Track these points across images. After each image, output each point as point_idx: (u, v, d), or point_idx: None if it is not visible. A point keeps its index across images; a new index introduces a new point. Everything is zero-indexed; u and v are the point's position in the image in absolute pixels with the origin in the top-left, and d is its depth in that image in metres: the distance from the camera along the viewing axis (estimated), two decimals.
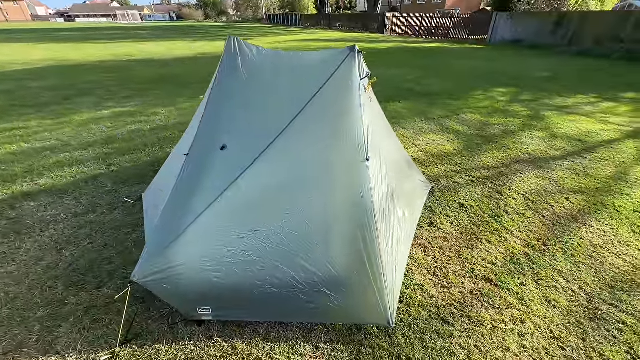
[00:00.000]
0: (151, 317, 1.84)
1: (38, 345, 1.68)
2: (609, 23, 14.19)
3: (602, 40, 14.21)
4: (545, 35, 16.30)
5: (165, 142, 4.21)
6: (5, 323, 1.79)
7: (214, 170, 1.92)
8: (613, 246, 2.46)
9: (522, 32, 17.22)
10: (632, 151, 4.14)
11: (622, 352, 1.70)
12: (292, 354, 1.65)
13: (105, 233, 2.51)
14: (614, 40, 13.86)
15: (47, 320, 1.81)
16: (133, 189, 3.11)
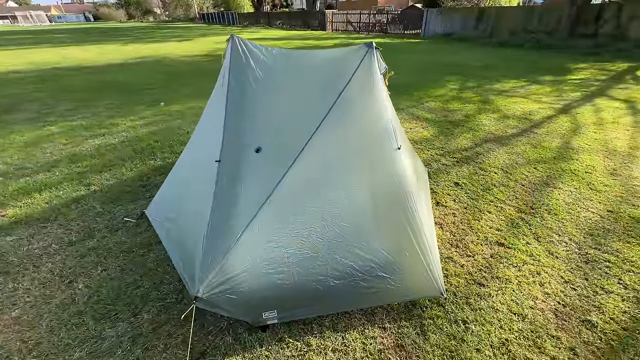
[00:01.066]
0: (209, 332, 1.76)
1: None
2: (519, 17, 16.37)
3: (515, 32, 16.36)
4: (470, 28, 18.19)
5: (144, 155, 3.88)
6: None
7: (254, 173, 1.90)
8: (581, 202, 2.97)
9: (451, 26, 18.98)
10: (568, 124, 4.95)
11: (615, 283, 2.10)
12: (364, 339, 1.74)
13: (117, 257, 2.29)
14: (525, 31, 16.05)
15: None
16: (128, 207, 2.85)
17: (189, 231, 2.02)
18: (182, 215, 2.24)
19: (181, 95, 6.65)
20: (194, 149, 2.46)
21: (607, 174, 3.46)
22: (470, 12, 18.49)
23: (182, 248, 2.11)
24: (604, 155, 3.88)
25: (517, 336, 1.76)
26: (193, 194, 2.16)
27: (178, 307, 1.91)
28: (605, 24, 13.90)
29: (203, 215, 1.87)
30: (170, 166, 3.49)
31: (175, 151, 3.95)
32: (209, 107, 2.49)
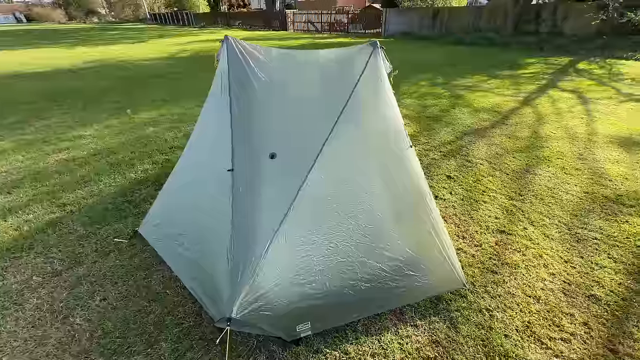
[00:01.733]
0: (240, 354, 1.65)
1: None
2: (469, 16, 17.49)
3: (468, 30, 17.45)
4: (427, 27, 19.09)
5: (122, 167, 3.56)
6: None
7: (272, 180, 1.81)
8: (560, 186, 3.23)
9: (409, 26, 19.78)
10: (532, 115, 5.37)
11: (606, 258, 2.31)
12: (399, 339, 1.74)
13: (115, 284, 2.07)
14: (475, 29, 17.19)
15: None
16: (116, 227, 2.59)
17: (204, 248, 1.89)
18: (190, 232, 2.08)
19: (148, 101, 6.21)
20: (194, 160, 2.29)
21: (575, 158, 3.80)
22: (426, 12, 19.38)
23: (195, 267, 1.96)
24: (569, 142, 4.26)
25: (537, 317, 1.86)
26: (202, 208, 2.01)
27: (199, 330, 1.77)
28: (544, 22, 15.31)
29: (220, 230, 1.75)
30: (155, 178, 3.27)
31: (157, 161, 3.68)
32: (206, 114, 2.34)
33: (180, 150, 3.91)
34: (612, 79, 7.83)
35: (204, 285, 1.90)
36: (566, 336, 1.76)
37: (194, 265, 2.02)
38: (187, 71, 9.33)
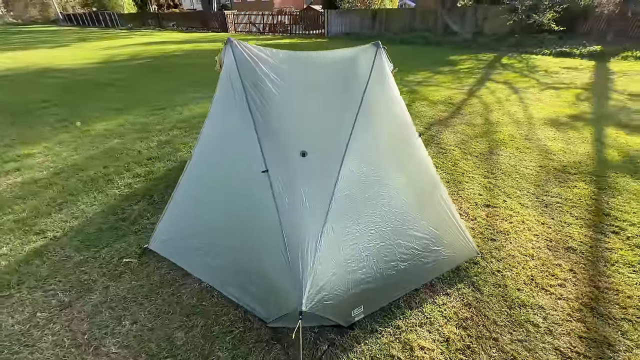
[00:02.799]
0: (304, 347, 1.69)
1: None
2: (405, 17, 18.90)
3: (405, 30, 18.85)
4: (367, 28, 20.11)
5: (99, 184, 3.22)
6: None
7: (309, 177, 1.88)
8: (520, 163, 3.79)
9: (351, 26, 20.63)
10: (479, 104, 6.11)
11: (570, 216, 2.82)
12: (438, 307, 1.94)
13: (141, 305, 1.93)
14: (411, 30, 18.64)
15: None
16: (117, 247, 2.39)
17: (244, 253, 1.87)
18: (218, 239, 2.03)
19: (99, 112, 5.61)
20: (210, 168, 2.20)
21: (523, 139, 4.47)
22: (365, 13, 20.40)
23: (230, 273, 1.95)
24: (515, 126, 4.97)
25: (536, 271, 2.23)
26: (233, 214, 1.98)
27: (252, 334, 1.76)
28: (467, 23, 17.21)
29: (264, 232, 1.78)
30: (143, 192, 3.05)
31: (139, 174, 3.41)
32: (218, 119, 2.27)
33: (160, 162, 3.68)
34: (530, 71, 9.20)
35: (247, 289, 1.89)
36: (560, 282, 2.14)
37: (228, 271, 1.99)
38: (133, 77, 8.57)
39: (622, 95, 6.62)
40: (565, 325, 1.84)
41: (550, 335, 1.78)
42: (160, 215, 2.34)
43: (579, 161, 3.80)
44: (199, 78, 8.29)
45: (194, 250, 2.14)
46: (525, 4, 13.50)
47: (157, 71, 9.39)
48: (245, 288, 1.90)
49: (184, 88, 7.27)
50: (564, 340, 1.75)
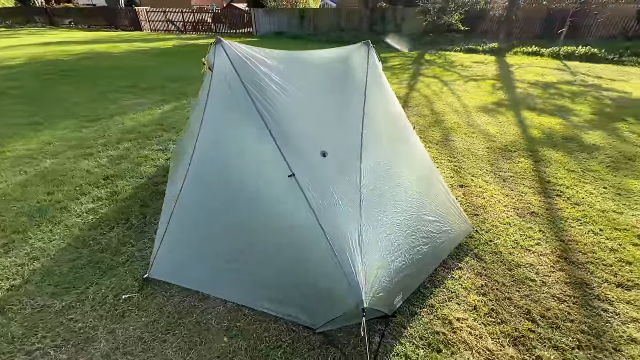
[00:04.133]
0: (357, 344, 1.72)
1: None
2: (332, 17, 19.58)
3: (332, 29, 19.54)
4: (296, 27, 20.27)
5: (51, 215, 2.66)
6: None
7: (334, 177, 1.90)
8: (472, 146, 4.34)
9: (279, 25, 20.53)
10: (421, 97, 6.74)
11: (523, 186, 3.35)
12: (458, 282, 2.15)
13: (164, 342, 1.71)
14: (339, 29, 19.43)
15: None
16: (107, 284, 2.04)
17: (286, 261, 1.79)
18: (244, 254, 1.90)
19: (9, 128, 4.59)
20: (221, 178, 2.01)
21: (467, 125, 5.11)
22: (292, 12, 20.51)
23: (261, 286, 1.86)
24: (456, 115, 5.64)
25: (517, 236, 2.62)
26: (261, 225, 1.86)
27: (303, 343, 1.72)
28: (389, 23, 18.66)
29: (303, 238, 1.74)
30: (115, 216, 2.66)
31: (99, 197, 2.92)
32: (216, 124, 2.08)
33: (121, 180, 3.23)
34: (450, 66, 10.46)
35: (286, 299, 1.82)
36: (537, 241, 2.56)
37: (260, 285, 1.89)
38: (35, 85, 7.16)
39: (523, 83, 8.00)
40: (552, 275, 2.22)
41: (546, 285, 2.14)
42: (148, 240, 2.08)
43: (513, 141, 4.52)
44: (134, 82, 7.36)
45: (213, 270, 1.97)
46: (435, 7, 15.21)
47: (69, 77, 8.02)
48: (283, 299, 1.83)
49: (115, 95, 6.38)
50: (556, 288, 2.12)
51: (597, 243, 2.53)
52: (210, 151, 2.06)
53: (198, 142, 2.09)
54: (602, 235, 2.62)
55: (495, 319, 1.89)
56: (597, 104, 6.22)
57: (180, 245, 2.05)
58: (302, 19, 20.12)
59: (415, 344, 1.73)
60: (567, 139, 4.57)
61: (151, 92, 6.63)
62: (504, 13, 14.63)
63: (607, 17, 12.81)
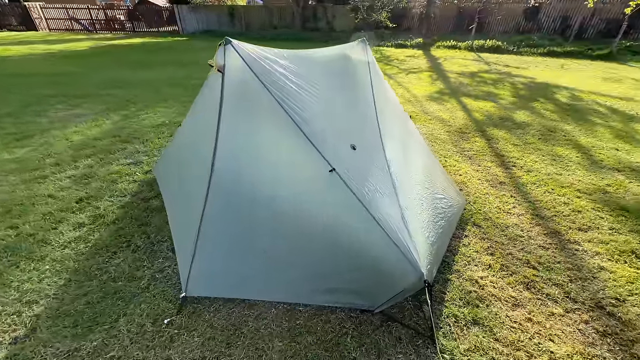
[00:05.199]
0: (410, 317, 1.89)
1: None
2: (264, 15, 19.29)
3: (265, 27, 19.27)
4: (227, 25, 19.49)
5: (34, 250, 2.24)
6: None
7: (366, 167, 2.03)
8: (435, 131, 4.85)
9: (208, 23, 19.48)
10: None
11: (487, 161, 3.91)
12: (469, 248, 2.47)
13: (230, 356, 1.65)
14: (273, 27, 19.26)
15: None
16: (136, 312, 1.86)
17: (341, 250, 1.86)
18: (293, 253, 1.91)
19: None
20: (255, 179, 1.96)
21: (424, 114, 5.67)
22: (221, 10, 19.62)
23: (320, 279, 1.92)
24: (411, 104, 6.19)
25: (498, 202, 3.08)
26: (308, 220, 1.89)
27: (366, 326, 1.82)
28: (320, 20, 19.14)
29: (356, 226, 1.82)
30: (113, 241, 2.40)
31: (80, 223, 2.55)
32: (240, 126, 2.02)
33: (99, 201, 2.88)
34: (388, 60, 11.28)
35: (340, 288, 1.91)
36: (513, 205, 3.05)
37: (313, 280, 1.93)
38: None
39: (453, 74, 9.08)
40: (533, 230, 2.70)
41: (532, 239, 2.60)
42: (165, 259, 1.94)
43: (464, 124, 5.18)
44: (60, 91, 6.36)
45: (258, 276, 1.95)
46: (365, 5, 16.12)
47: None
48: (338, 288, 1.91)
49: (42, 106, 5.44)
50: (539, 239, 2.59)
51: (553, 200, 3.13)
52: (233, 160, 1.99)
53: (218, 151, 1.99)
54: (554, 193, 3.25)
55: (507, 272, 2.25)
56: (513, 89, 7.42)
57: (217, 258, 1.96)
58: (232, 16, 19.41)
59: (457, 305, 1.98)
60: (502, 119, 5.41)
61: (88, 101, 5.80)
62: (424, 11, 16.23)
63: (504, 15, 15.15)
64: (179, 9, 19.33)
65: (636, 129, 4.98)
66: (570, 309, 1.97)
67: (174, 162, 2.76)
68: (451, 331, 1.82)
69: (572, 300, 2.04)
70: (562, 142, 4.45)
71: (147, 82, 7.61)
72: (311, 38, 17.12)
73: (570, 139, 4.58)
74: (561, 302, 2.02)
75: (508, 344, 1.76)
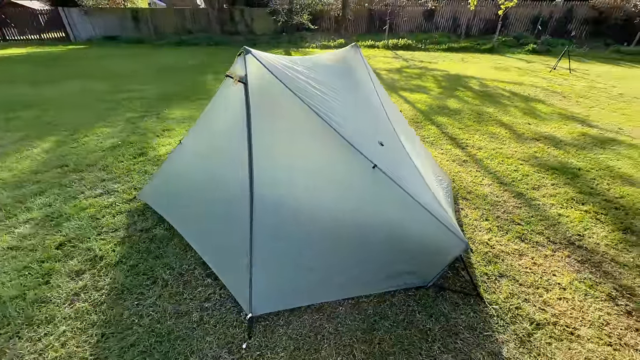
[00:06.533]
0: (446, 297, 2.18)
1: None
2: (175, 18, 17.85)
3: (179, 31, 17.88)
4: (132, 29, 17.46)
5: (34, 315, 1.80)
6: None
7: (396, 160, 2.26)
8: None
9: (110, 29, 17.15)
10: None
11: (446, 145, 4.54)
12: (472, 219, 2.90)
13: (313, 354, 1.68)
14: (188, 31, 18.01)
15: None
16: (202, 347, 1.72)
17: (393, 240, 2.02)
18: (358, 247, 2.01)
19: None
20: (299, 193, 1.99)
21: None
22: (123, 13, 17.48)
23: (372, 271, 2.07)
24: None
25: (470, 178, 3.64)
26: (364, 216, 2.01)
27: (425, 300, 2.04)
28: (239, 23, 18.66)
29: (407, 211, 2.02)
30: (126, 283, 2.26)
31: (74, 270, 2.15)
32: (274, 127, 2.02)
33: (84, 242, 2.48)
34: None
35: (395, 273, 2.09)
36: (481, 178, 3.65)
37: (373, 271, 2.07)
38: None
39: (382, 71, 9.98)
40: (504, 195, 3.30)
41: (507, 202, 3.17)
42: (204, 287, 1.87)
43: (415, 114, 5.83)
44: None
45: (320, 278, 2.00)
46: (284, 8, 16.32)
47: None
48: (394, 274, 2.08)
49: None
50: (512, 202, 3.19)
51: (506, 169, 3.85)
52: (272, 173, 2.00)
53: (255, 169, 1.96)
54: (505, 164, 3.98)
55: (503, 230, 2.74)
56: (436, 81, 8.56)
57: (274, 272, 1.93)
58: (136, 20, 17.48)
59: (482, 264, 2.35)
60: (440, 107, 6.25)
61: (33, 127, 4.67)
62: (339, 13, 17.24)
63: (409, 16, 17.13)
64: (66, 13, 16.54)
65: (534, 106, 6.33)
66: (555, 249, 2.53)
67: (180, 185, 2.53)
68: (488, 286, 2.17)
69: (552, 243, 2.61)
70: (491, 123, 5.41)
71: (59, 99, 6.45)
72: (232, 42, 16.56)
73: (495, 119, 5.59)
74: (547, 246, 2.57)
75: (529, 285, 2.19)
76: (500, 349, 1.77)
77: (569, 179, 3.58)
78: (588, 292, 2.15)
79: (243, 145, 1.99)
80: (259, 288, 1.89)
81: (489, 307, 2.01)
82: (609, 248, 2.54)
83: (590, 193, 3.31)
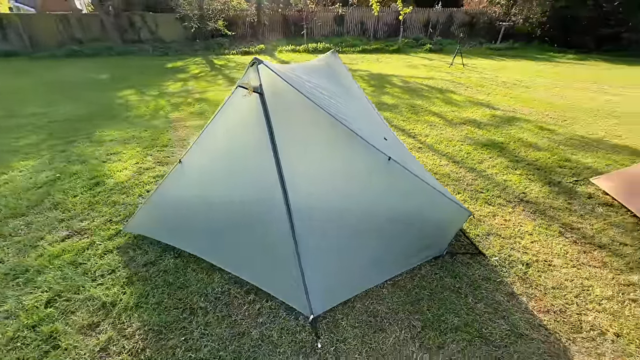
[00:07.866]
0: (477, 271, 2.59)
1: None
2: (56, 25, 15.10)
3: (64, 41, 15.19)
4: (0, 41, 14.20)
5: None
6: None
7: (400, 151, 2.55)
8: None
9: None
10: None
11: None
12: (460, 197, 3.39)
13: (378, 332, 1.86)
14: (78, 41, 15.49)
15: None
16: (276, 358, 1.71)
17: (414, 220, 2.28)
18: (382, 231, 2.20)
19: None
20: (330, 199, 2.10)
21: None
22: None
23: (408, 246, 2.30)
24: None
25: (432, 162, 4.21)
26: (385, 203, 2.22)
27: (444, 266, 2.38)
28: (141, 30, 16.88)
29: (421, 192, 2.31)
30: (161, 320, 2.03)
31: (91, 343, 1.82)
32: (293, 130, 2.09)
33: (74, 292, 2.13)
34: None
35: (415, 252, 2.37)
36: (439, 161, 4.26)
37: (401, 252, 2.29)
38: None
39: None
40: (461, 171, 3.94)
41: (466, 177, 3.80)
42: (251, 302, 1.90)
43: None
44: None
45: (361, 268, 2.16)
46: (195, 14, 15.42)
47: None
48: (414, 252, 2.35)
49: None
50: (469, 176, 3.83)
51: (453, 150, 4.55)
52: (302, 180, 2.07)
53: (287, 182, 2.00)
54: (450, 146, 4.70)
55: (474, 199, 3.31)
56: (364, 81, 9.36)
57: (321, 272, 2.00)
58: (3, 29, 14.26)
59: (471, 228, 2.82)
60: (379, 104, 6.89)
61: None
62: (255, 19, 17.14)
63: (322, 21, 18.05)
64: None
65: (450, 96, 7.52)
66: (514, 207, 3.19)
67: (192, 208, 2.34)
68: (483, 245, 2.63)
69: (509, 202, 3.27)
70: (425, 113, 6.25)
71: None
72: (139, 51, 14.93)
73: (426, 109, 6.47)
74: (507, 205, 3.22)
75: (509, 237, 2.73)
76: (511, 288, 2.21)
77: (499, 152, 4.46)
78: (546, 233, 2.80)
79: (268, 157, 2.00)
80: (313, 289, 1.94)
81: (491, 259, 2.46)
82: (545, 198, 3.33)
83: (517, 160, 4.20)
